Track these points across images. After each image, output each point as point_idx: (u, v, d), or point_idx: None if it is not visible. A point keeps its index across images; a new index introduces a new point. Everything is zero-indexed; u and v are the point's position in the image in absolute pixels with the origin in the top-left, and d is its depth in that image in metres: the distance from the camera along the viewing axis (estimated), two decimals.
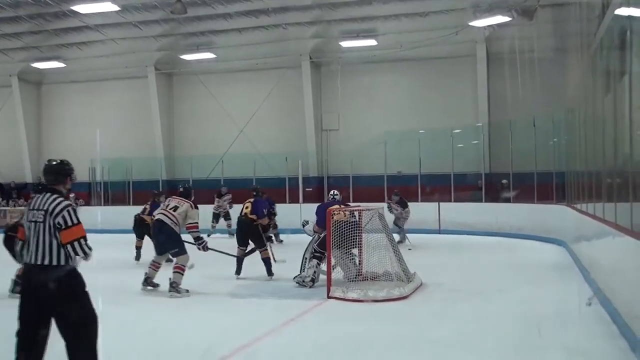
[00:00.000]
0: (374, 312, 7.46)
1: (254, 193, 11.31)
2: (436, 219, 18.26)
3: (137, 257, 12.39)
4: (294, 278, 9.22)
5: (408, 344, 6.07)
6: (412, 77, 21.36)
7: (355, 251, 9.07)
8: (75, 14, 17.59)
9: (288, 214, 16.95)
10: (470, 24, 17.60)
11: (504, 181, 18.00)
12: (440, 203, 18.47)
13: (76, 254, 4.37)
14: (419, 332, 6.50)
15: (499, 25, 17.39)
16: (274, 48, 21.22)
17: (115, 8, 16.62)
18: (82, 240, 4.40)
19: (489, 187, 18.75)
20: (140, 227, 12.45)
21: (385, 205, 14.13)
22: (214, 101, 23.11)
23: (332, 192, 10.35)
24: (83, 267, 11.38)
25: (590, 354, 5.63)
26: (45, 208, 4.35)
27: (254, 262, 10.17)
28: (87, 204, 22.37)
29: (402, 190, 19.37)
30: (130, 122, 23.63)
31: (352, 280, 8.68)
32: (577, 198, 11.46)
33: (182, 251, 8.68)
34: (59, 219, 4.34)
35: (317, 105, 22.09)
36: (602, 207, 7.67)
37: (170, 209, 8.88)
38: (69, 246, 4.31)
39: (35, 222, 4.33)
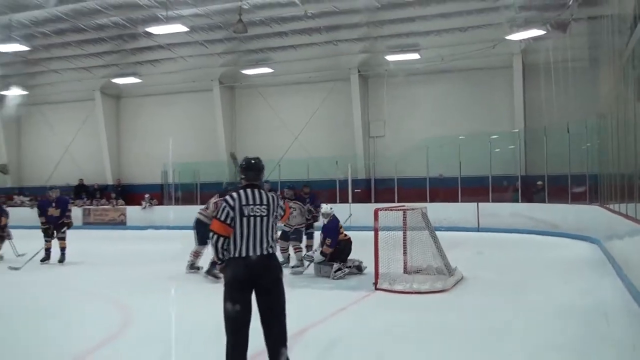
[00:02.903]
0: (418, 303, 7.39)
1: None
2: (475, 217, 17.96)
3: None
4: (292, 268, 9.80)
5: (452, 332, 5.99)
6: (452, 87, 21.07)
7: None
8: (150, 34, 17.99)
9: (339, 213, 16.93)
10: (507, 37, 17.24)
11: (539, 183, 17.60)
12: (479, 203, 18.15)
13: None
14: (462, 322, 6.41)
15: (534, 38, 16.96)
16: (325, 62, 21.27)
17: (185, 29, 16.92)
18: None
19: (525, 188, 18.36)
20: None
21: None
22: (271, 111, 23.31)
23: (328, 207, 9.95)
24: (162, 258, 11.40)
25: (625, 345, 5.46)
26: (266, 203, 4.39)
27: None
28: (160, 203, 22.82)
29: (443, 191, 19.20)
30: (197, 131, 23.98)
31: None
32: (609, 199, 11.11)
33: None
34: (280, 211, 4.51)
35: (364, 114, 22.02)
36: (635, 207, 7.42)
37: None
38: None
39: (260, 216, 4.34)
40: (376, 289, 8.10)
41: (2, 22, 16.93)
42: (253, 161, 4.62)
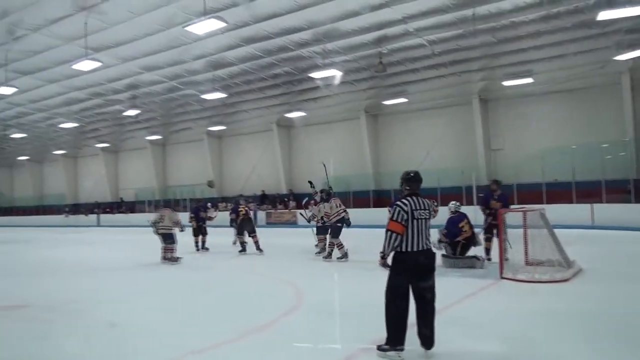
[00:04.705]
0: (540, 291, 6.85)
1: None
2: (589, 217, 16.25)
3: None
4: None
5: (571, 317, 5.48)
6: (564, 104, 19.37)
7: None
8: (311, 79, 18.63)
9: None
10: (615, 58, 15.55)
11: None
12: (594, 204, 16.41)
13: None
14: (581, 309, 5.85)
15: None
16: (450, 91, 20.59)
17: (338, 73, 17.36)
18: None
19: (638, 190, 16.31)
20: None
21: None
22: (407, 132, 23.08)
23: (453, 204, 9.45)
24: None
25: None
26: (428, 208, 4.46)
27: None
28: None
29: (558, 194, 17.64)
30: (349, 150, 24.36)
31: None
32: None
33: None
34: (434, 214, 4.64)
35: (485, 131, 20.99)
36: None
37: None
38: None
39: (424, 219, 4.38)
40: (501, 277, 7.65)
41: (208, 78, 18.58)
42: (413, 174, 4.58)
